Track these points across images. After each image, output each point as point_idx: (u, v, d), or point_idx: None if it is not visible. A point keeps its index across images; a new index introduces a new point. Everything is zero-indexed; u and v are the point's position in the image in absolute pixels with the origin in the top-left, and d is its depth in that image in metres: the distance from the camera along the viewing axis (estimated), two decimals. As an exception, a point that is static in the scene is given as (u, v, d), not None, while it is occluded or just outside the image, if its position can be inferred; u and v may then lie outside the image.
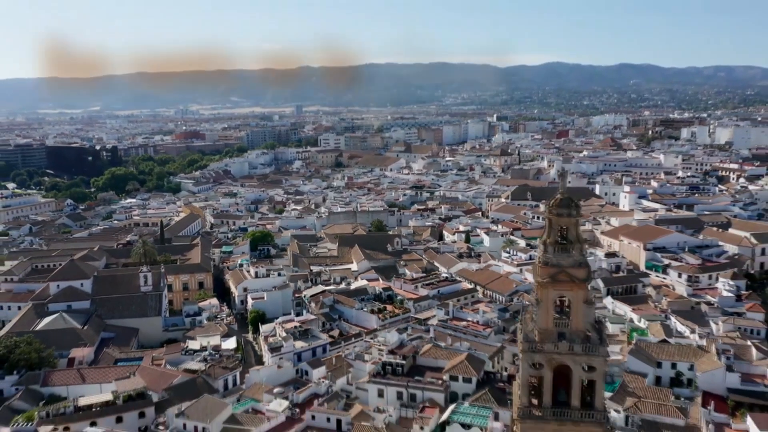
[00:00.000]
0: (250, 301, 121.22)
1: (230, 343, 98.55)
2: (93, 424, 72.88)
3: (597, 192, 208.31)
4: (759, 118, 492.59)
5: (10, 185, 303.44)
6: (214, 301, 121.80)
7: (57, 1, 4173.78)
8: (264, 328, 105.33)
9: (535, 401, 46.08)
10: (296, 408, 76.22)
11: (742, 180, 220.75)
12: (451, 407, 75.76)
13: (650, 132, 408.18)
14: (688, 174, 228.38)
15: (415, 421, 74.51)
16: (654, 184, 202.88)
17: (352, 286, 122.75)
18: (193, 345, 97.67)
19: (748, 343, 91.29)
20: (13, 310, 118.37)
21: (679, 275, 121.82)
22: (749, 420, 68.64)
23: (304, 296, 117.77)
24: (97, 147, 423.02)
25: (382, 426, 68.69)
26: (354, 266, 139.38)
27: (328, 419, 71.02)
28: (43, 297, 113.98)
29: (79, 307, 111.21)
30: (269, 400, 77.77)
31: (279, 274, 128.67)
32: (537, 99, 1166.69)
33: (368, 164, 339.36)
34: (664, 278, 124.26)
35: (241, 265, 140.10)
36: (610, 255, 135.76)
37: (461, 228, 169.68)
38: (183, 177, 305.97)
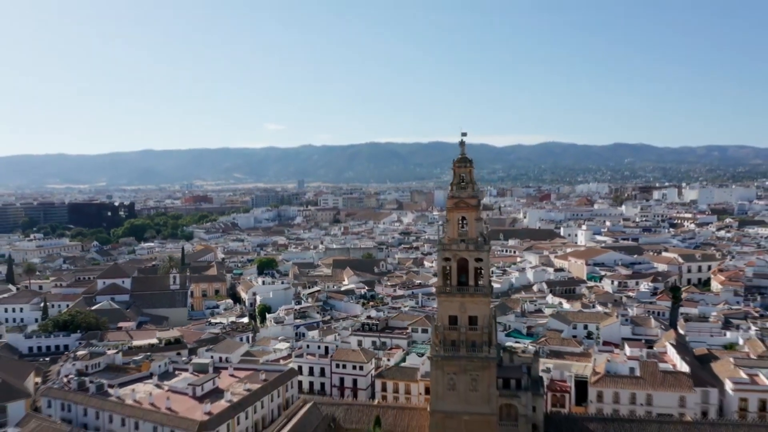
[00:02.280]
0: (258, 299, 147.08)
1: (244, 320, 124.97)
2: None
3: (562, 233, 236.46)
4: (733, 186, 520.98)
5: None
6: (229, 301, 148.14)
7: (61, 78, 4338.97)
8: (269, 316, 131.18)
9: (447, 284, 72.88)
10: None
11: (692, 226, 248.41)
12: (411, 346, 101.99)
13: (626, 194, 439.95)
14: (644, 219, 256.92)
15: (384, 356, 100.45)
16: (608, 224, 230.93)
17: (342, 290, 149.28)
18: (215, 321, 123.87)
19: (651, 317, 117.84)
20: (63, 308, 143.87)
21: (612, 282, 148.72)
22: (626, 345, 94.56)
23: (302, 295, 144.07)
24: (116, 203, 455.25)
25: (358, 350, 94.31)
26: (345, 282, 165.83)
27: (318, 347, 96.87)
28: (91, 291, 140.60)
29: (120, 300, 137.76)
30: (275, 344, 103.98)
31: (282, 282, 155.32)
32: (533, 176, 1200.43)
33: (363, 218, 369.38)
34: (600, 285, 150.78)
35: (250, 280, 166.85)
36: (558, 270, 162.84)
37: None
38: (195, 227, 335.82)
